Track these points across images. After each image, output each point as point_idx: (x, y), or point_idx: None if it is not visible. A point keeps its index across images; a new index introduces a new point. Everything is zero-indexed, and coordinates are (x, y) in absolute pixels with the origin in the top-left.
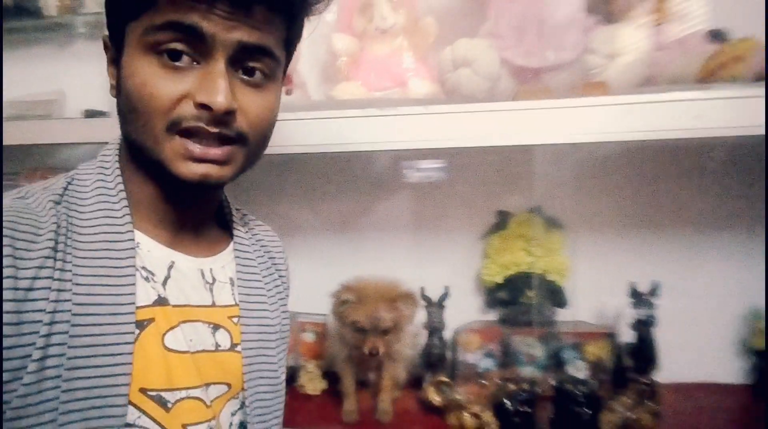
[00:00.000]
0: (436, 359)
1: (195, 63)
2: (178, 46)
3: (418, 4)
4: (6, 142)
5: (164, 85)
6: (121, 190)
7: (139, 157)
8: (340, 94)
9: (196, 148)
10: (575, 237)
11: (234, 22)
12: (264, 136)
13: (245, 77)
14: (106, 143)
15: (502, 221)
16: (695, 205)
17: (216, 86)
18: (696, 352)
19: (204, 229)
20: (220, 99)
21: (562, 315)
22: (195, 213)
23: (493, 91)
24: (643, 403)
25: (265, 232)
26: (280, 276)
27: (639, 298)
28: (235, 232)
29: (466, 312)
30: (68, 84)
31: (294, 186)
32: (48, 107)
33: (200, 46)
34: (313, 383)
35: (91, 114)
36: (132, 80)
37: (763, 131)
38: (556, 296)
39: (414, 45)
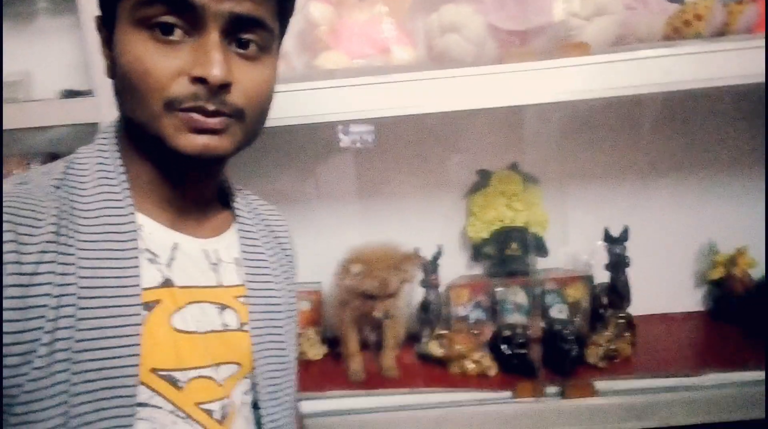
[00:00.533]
0: (434, 314)
1: (187, 36)
2: (170, 19)
3: None
4: None
5: (158, 60)
6: (122, 173)
7: (138, 135)
8: (323, 64)
9: (197, 117)
10: (551, 190)
11: None
12: (261, 110)
13: (239, 50)
14: (88, 124)
15: (483, 179)
16: (658, 153)
17: (211, 58)
18: (660, 286)
19: (207, 210)
20: (215, 71)
21: (543, 263)
22: (197, 193)
23: (479, 55)
24: (622, 336)
25: (269, 211)
26: (286, 255)
27: (612, 240)
28: (238, 212)
29: (453, 268)
30: (33, 63)
31: (280, 157)
32: (14, 89)
33: (192, 19)
34: (314, 349)
35: (69, 94)
36: (125, 57)
37: (723, 83)
38: (537, 247)
39: (391, 11)
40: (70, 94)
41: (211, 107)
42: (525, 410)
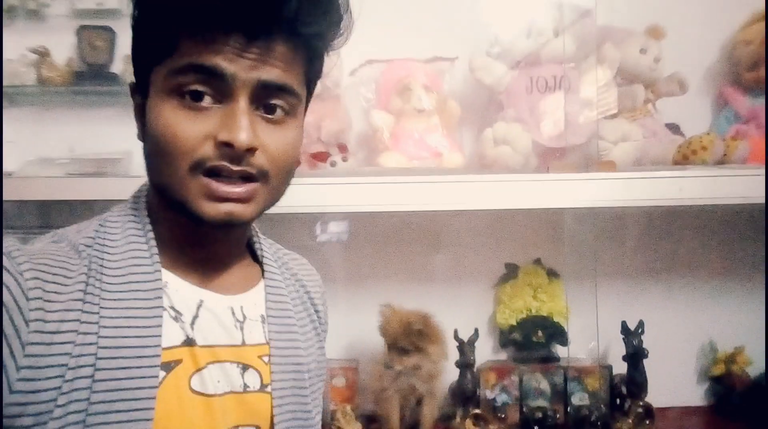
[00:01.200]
0: (469, 394)
1: (217, 103)
2: (200, 87)
3: (443, 89)
4: (77, 197)
5: (187, 125)
6: (150, 231)
7: (164, 198)
8: (385, 162)
9: (219, 187)
10: (572, 284)
11: (254, 61)
12: (286, 172)
13: (266, 115)
14: None
15: (511, 272)
16: (670, 257)
17: (238, 124)
18: (669, 379)
19: (234, 266)
20: (242, 137)
21: (563, 352)
22: (223, 251)
23: (524, 164)
24: (642, 424)
25: (301, 265)
26: (315, 310)
27: (629, 333)
28: (266, 267)
29: (480, 352)
30: (134, 144)
31: (326, 240)
32: (115, 166)
33: (221, 86)
34: (350, 425)
35: None
36: (156, 123)
37: (727, 202)
38: (559, 336)
39: (443, 123)
40: None
41: (236, 168)
42: None
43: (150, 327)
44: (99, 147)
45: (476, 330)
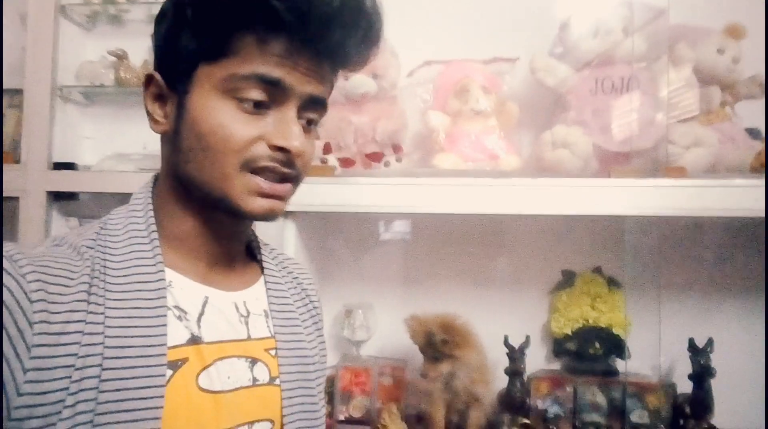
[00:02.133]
0: (518, 403)
1: (267, 109)
2: (260, 96)
3: (503, 90)
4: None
5: (241, 127)
6: (153, 231)
7: (194, 193)
8: (440, 163)
9: (267, 185)
10: (636, 296)
11: (306, 75)
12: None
13: (306, 124)
14: None
15: (567, 279)
16: (743, 273)
17: (292, 132)
18: (740, 401)
19: (236, 264)
20: (296, 143)
21: (623, 367)
22: (228, 247)
23: (584, 169)
24: None
25: (294, 264)
26: (314, 306)
27: (697, 351)
28: (265, 265)
29: (532, 360)
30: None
31: (384, 240)
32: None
33: (277, 95)
34: (395, 425)
35: None
36: (207, 121)
37: None
38: (618, 349)
39: (500, 125)
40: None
41: (287, 170)
42: None
43: (155, 326)
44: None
45: (527, 337)
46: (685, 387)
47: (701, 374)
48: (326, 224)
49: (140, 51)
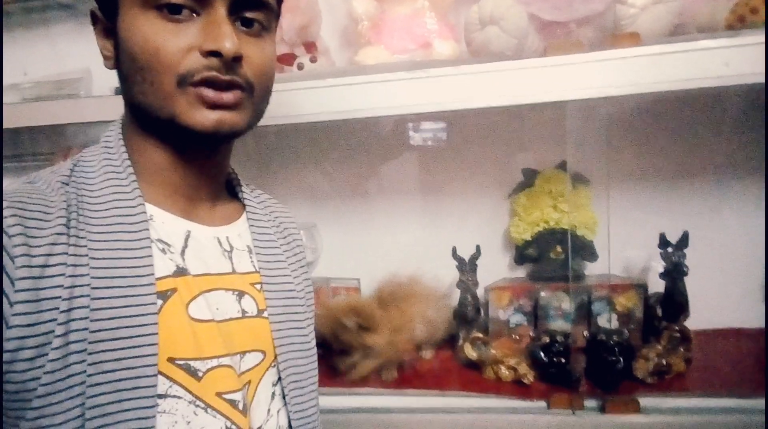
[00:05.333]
0: (470, 317)
1: (194, 15)
2: None
3: None
4: (36, 122)
5: (168, 38)
6: (128, 166)
7: (148, 120)
8: (364, 59)
9: (210, 93)
10: (602, 191)
11: None
12: (267, 87)
13: (243, 28)
14: None
15: (528, 179)
16: (718, 154)
17: (222, 32)
18: (721, 299)
19: (217, 199)
20: (228, 44)
21: (592, 269)
22: (207, 179)
23: (521, 48)
24: (676, 350)
25: (275, 203)
26: (297, 244)
27: (669, 247)
28: (247, 202)
29: (494, 270)
30: (93, 61)
31: (319, 153)
32: (75, 86)
33: None
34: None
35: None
36: (134, 39)
37: None
38: (585, 251)
39: (433, 5)
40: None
41: (225, 77)
42: (560, 422)
43: (140, 257)
44: (54, 67)
45: (477, 247)
46: (657, 287)
47: (674, 272)
48: (254, 141)
49: None
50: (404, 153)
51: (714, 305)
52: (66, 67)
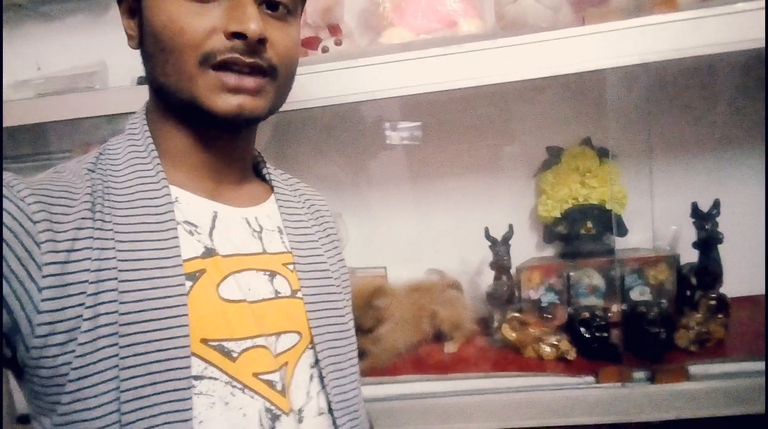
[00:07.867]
0: (505, 297)
1: None
2: None
3: None
4: (52, 118)
5: (193, 18)
6: (153, 150)
7: (170, 104)
8: (388, 40)
9: (231, 78)
10: (631, 165)
11: None
12: (291, 71)
13: (269, 12)
14: None
15: (553, 157)
16: (752, 120)
17: (247, 14)
18: (755, 266)
19: (243, 181)
20: (253, 26)
21: (623, 243)
22: (232, 161)
23: (555, 20)
24: (714, 318)
25: (305, 187)
26: (330, 226)
27: (701, 216)
28: (274, 184)
29: (523, 250)
30: (108, 53)
31: (341, 141)
32: (90, 79)
33: None
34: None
35: (144, 80)
36: (159, 19)
37: None
38: (615, 226)
39: None
40: (145, 80)
41: (248, 60)
42: (610, 396)
43: (166, 239)
44: (69, 62)
45: (510, 226)
46: (690, 257)
47: (707, 241)
48: (277, 127)
49: None
50: (431, 134)
51: (745, 273)
52: (80, 61)
